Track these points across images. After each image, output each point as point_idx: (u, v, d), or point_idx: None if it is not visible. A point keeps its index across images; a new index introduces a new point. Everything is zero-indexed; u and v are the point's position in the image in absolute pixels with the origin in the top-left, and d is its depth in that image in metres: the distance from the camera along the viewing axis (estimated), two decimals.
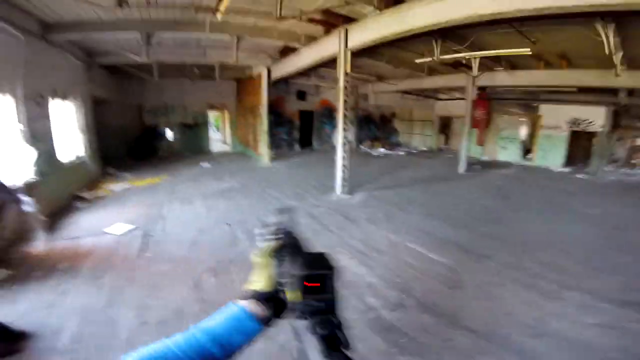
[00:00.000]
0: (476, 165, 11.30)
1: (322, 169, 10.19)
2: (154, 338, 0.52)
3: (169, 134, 13.46)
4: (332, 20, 6.00)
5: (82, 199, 6.62)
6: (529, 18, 4.08)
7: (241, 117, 14.21)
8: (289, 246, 0.69)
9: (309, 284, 0.57)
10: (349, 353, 0.51)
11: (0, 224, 3.92)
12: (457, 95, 13.97)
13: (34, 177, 5.14)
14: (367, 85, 13.88)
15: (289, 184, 8.02)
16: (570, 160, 12.06)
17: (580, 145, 12.12)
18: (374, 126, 16.69)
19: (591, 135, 11.59)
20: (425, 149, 16.53)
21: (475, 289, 3.43)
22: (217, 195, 6.96)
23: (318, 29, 6.55)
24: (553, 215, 6.26)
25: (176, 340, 0.58)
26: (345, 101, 6.30)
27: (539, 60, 7.69)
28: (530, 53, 6.11)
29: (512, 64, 8.52)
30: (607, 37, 4.62)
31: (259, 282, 0.68)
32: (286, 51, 8.60)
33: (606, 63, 6.05)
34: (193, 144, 14.12)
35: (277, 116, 13.56)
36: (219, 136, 17.58)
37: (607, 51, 5.01)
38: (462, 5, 3.93)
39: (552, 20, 4.62)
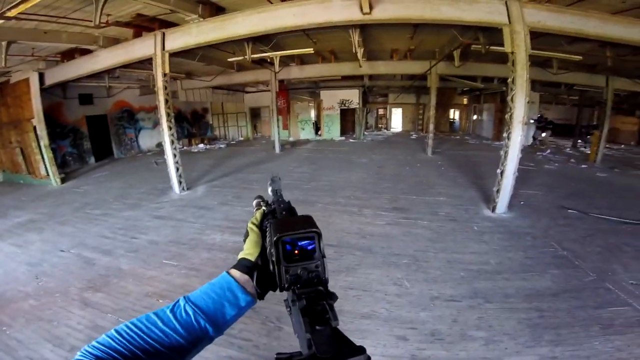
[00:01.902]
0: (287, 145, 13.72)
1: (140, 175, 9.47)
2: None
3: None
4: (145, 24, 5.88)
5: None
6: (314, 28, 5.79)
7: None
8: (279, 213, 0.66)
9: (295, 251, 0.52)
10: (335, 327, 0.42)
11: None
12: (263, 87, 15.87)
13: None
14: (176, 82, 13.35)
15: (108, 198, 7.06)
16: (343, 131, 16.77)
17: (347, 119, 17.09)
18: (187, 123, 16.21)
19: (353, 110, 16.50)
20: (242, 138, 17.86)
21: (318, 222, 4.94)
22: (18, 231, 5.35)
23: (123, 31, 6.15)
24: (343, 168, 9.08)
25: (164, 313, 0.57)
26: (166, 100, 6.33)
27: (318, 56, 10.25)
28: (313, 51, 8.23)
29: (302, 60, 10.87)
30: (354, 39, 7.05)
31: (248, 251, 0.65)
32: (72, 53, 7.24)
33: (356, 57, 9.00)
34: None
35: (54, 127, 10.71)
36: None
37: (354, 49, 7.62)
38: (273, 19, 5.19)
39: (326, 29, 6.45)
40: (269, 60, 9.50)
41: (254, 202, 0.78)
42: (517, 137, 4.94)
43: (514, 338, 2.48)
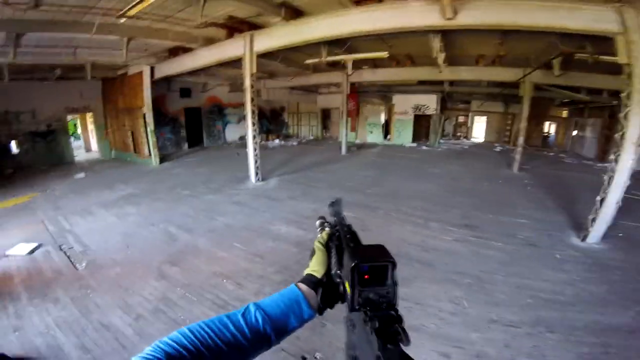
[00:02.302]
0: (353, 148, 13.79)
1: (224, 163, 10.59)
2: (159, 328, 0.63)
3: (13, 146, 10.78)
4: (236, 26, 6.53)
5: None
6: (389, 33, 5.80)
7: (114, 120, 12.56)
8: (344, 236, 0.68)
9: (365, 276, 0.55)
10: (404, 348, 0.45)
11: None
12: (335, 89, 16.27)
13: None
14: (260, 82, 14.57)
15: (195, 181, 8.09)
16: (416, 137, 16.08)
17: (421, 125, 16.32)
18: (266, 120, 17.56)
19: (428, 117, 15.74)
20: (312, 137, 18.55)
21: (377, 228, 4.94)
22: (120, 203, 6.52)
23: (218, 31, 6.91)
24: (411, 176, 8.74)
25: (235, 316, 0.61)
26: (252, 99, 7.00)
27: (392, 60, 10.11)
28: (387, 55, 8.18)
29: (375, 63, 10.83)
30: (434, 44, 6.80)
31: (314, 268, 0.70)
32: (176, 50, 8.47)
33: (435, 62, 8.65)
34: (49, 154, 11.64)
35: (158, 115, 12.66)
36: (79, 143, 14.95)
37: (434, 54, 7.35)
38: (347, 24, 5.35)
39: (403, 33, 6.45)
40: (342, 62, 9.71)
41: (317, 222, 0.83)
42: (628, 160, 4.15)
43: None
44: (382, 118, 16.87)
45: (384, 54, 7.95)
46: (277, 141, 16.25)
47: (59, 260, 4.08)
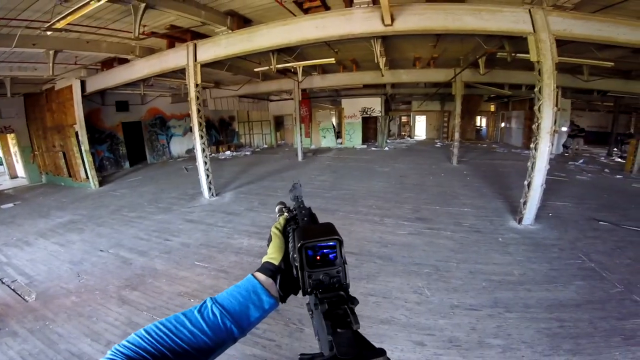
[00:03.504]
0: (309, 153, 13.98)
1: (172, 180, 10.05)
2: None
3: None
4: (178, 35, 6.30)
5: None
6: (335, 40, 6.02)
7: (41, 140, 11.23)
8: (301, 219, 0.68)
9: (317, 257, 0.54)
10: (356, 330, 0.44)
11: None
12: (286, 96, 16.35)
13: None
14: (205, 91, 14.05)
15: (143, 201, 7.58)
16: (365, 139, 16.84)
17: (369, 127, 17.18)
18: (215, 131, 16.98)
19: (375, 119, 16.56)
20: (266, 146, 18.39)
21: (338, 230, 5.08)
22: (60, 231, 5.88)
23: (158, 41, 6.62)
24: (364, 176, 9.15)
25: (192, 313, 0.59)
26: (198, 110, 6.76)
27: (340, 65, 10.49)
28: (334, 61, 8.47)
29: (324, 69, 11.18)
30: (376, 49, 7.18)
31: (272, 255, 0.68)
32: (110, 62, 7.90)
33: (378, 66, 9.12)
34: None
35: (93, 132, 11.59)
36: (1, 169, 13.06)
37: (375, 59, 7.77)
38: (296, 32, 5.46)
39: (348, 39, 6.73)
40: (292, 70, 9.84)
41: (277, 208, 0.81)
42: (545, 147, 4.84)
43: (531, 347, 2.50)
44: (334, 122, 17.37)
45: (332, 60, 8.24)
46: (228, 152, 15.82)
47: (4, 294, 3.67)
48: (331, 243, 0.55)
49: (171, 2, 4.70)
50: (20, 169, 12.36)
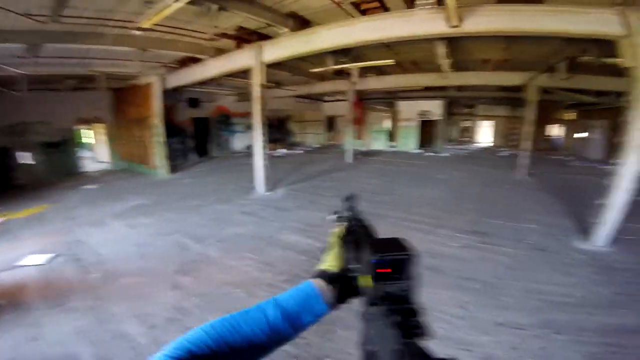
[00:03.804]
0: (359, 155, 13.83)
1: (232, 173, 10.72)
2: (174, 337, 0.53)
3: (27, 156, 11.07)
4: (245, 37, 6.72)
5: None
6: (396, 42, 5.91)
7: (124, 130, 12.84)
8: (359, 230, 0.70)
9: (381, 270, 0.55)
10: (425, 341, 0.44)
11: None
12: (340, 97, 16.43)
13: None
14: (266, 91, 14.75)
15: (205, 192, 8.21)
16: (421, 143, 16.11)
17: (427, 130, 16.36)
18: (273, 129, 17.76)
19: (434, 122, 15.78)
20: (318, 146, 18.68)
21: (386, 236, 4.96)
22: (132, 214, 6.64)
23: (227, 42, 7.10)
24: (418, 182, 8.77)
25: (255, 312, 0.61)
26: (261, 109, 7.13)
27: (398, 67, 10.19)
28: (393, 63, 8.28)
29: (381, 70, 10.94)
30: (439, 51, 6.86)
31: (330, 263, 0.70)
32: (186, 61, 8.70)
33: (440, 68, 8.69)
34: (61, 165, 11.94)
35: (168, 126, 12.90)
36: (89, 154, 15.26)
37: (439, 60, 7.42)
38: (354, 33, 5.42)
39: (409, 41, 6.53)
40: (347, 71, 9.84)
41: (334, 217, 0.82)
42: (632, 164, 4.16)
43: None
44: (388, 125, 16.96)
45: (390, 62, 8.05)
46: (283, 150, 16.41)
47: (74, 270, 4.16)
48: (404, 257, 0.57)
49: (240, 3, 5.00)
50: (105, 155, 14.33)
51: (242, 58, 7.16)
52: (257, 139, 7.27)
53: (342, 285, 0.67)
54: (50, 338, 2.82)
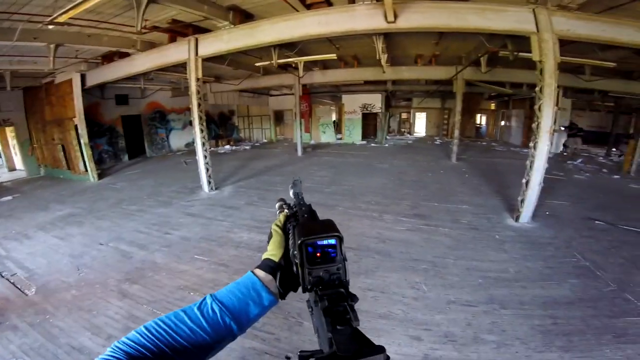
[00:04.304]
0: (308, 149, 13.98)
1: (172, 173, 10.07)
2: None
3: None
4: (180, 30, 6.28)
5: None
6: (339, 37, 6.00)
7: (40, 133, 11.18)
8: (301, 216, 0.69)
9: (317, 254, 0.54)
10: (356, 327, 0.43)
11: None
12: (286, 91, 16.30)
13: None
14: (206, 85, 13.99)
15: (142, 195, 7.60)
16: (365, 135, 16.84)
17: (369, 123, 17.15)
18: (214, 125, 16.94)
19: (375, 115, 16.55)
20: (266, 140, 18.36)
21: (338, 225, 5.14)
22: (60, 224, 5.90)
23: (159, 35, 6.59)
24: (363, 172, 9.19)
25: (191, 310, 0.59)
26: (199, 104, 6.76)
27: (341, 61, 10.44)
28: (336, 57, 8.44)
29: (325, 65, 11.11)
30: (378, 46, 7.15)
31: (274, 252, 0.67)
32: (111, 56, 7.87)
33: (379, 62, 9.04)
34: None
35: (92, 126, 11.53)
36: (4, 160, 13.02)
37: (377, 56, 7.73)
38: (299, 27, 5.45)
39: (350, 36, 6.57)
40: (293, 65, 9.81)
41: (277, 205, 0.81)
42: (544, 147, 4.87)
43: (525, 343, 2.56)
44: (334, 118, 17.35)
45: (333, 56, 8.22)
46: (227, 146, 15.82)
47: (3, 288, 3.69)
48: (332, 240, 0.55)
49: None
50: (18, 162, 12.33)
51: (177, 52, 6.75)
52: (197, 135, 6.90)
53: (285, 274, 0.65)
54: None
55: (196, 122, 6.85)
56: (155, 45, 7.17)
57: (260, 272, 0.65)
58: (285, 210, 0.76)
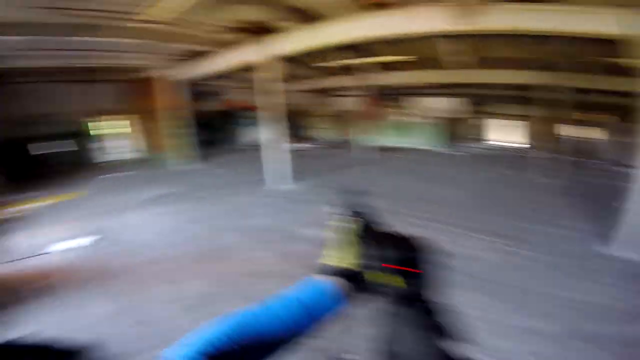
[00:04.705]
0: (375, 152, 13.56)
1: (249, 166, 10.76)
2: (198, 324, 0.52)
3: (49, 146, 11.34)
4: (254, 30, 6.64)
5: None
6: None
7: (146, 121, 13.04)
8: (370, 227, 0.71)
9: (394, 267, 0.56)
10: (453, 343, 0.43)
11: None
12: (354, 92, 16.17)
13: None
14: (281, 85, 14.67)
15: (223, 183, 8.36)
16: (440, 141, 15.69)
17: (445, 128, 15.93)
18: (286, 123, 17.67)
19: (452, 120, 15.35)
20: (330, 141, 18.49)
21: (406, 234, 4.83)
22: (160, 201, 6.85)
23: (237, 36, 7.02)
24: (441, 182, 8.53)
25: (275, 306, 0.61)
26: (276, 103, 7.16)
27: (418, 62, 9.82)
28: (415, 59, 8.02)
29: (400, 66, 10.57)
30: (462, 47, 6.56)
31: (342, 259, 0.69)
32: (194, 54, 8.74)
33: (463, 64, 8.38)
34: (82, 155, 12.24)
35: (194, 117, 13.02)
36: (112, 144, 15.54)
37: (461, 57, 7.11)
38: (371, 28, 5.31)
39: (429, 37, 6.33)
40: (365, 66, 9.64)
41: (346, 212, 0.78)
42: None
43: None
44: (406, 121, 16.60)
45: (412, 57, 7.80)
46: (298, 144, 16.29)
47: (103, 255, 4.30)
48: (416, 254, 0.59)
49: None
50: (129, 145, 14.56)
51: (250, 52, 7.13)
52: (275, 133, 7.24)
53: (357, 282, 0.67)
54: (82, 321, 2.92)
55: (273, 119, 7.24)
56: (232, 44, 7.59)
57: (336, 278, 0.67)
58: (359, 219, 0.76)
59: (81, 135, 12.29)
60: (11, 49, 6.38)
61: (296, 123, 18.79)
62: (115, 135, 14.99)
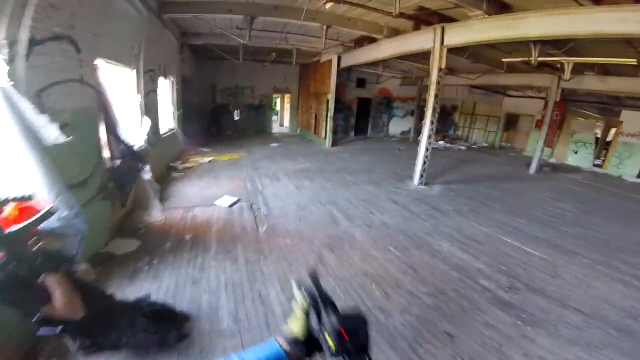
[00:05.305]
0: (546, 167, 10.95)
1: (386, 157, 10.77)
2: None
3: (236, 113, 14.43)
4: (425, 18, 6.22)
5: (174, 169, 7.59)
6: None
7: (304, 102, 14.79)
8: (321, 303, 0.86)
9: (346, 336, 0.73)
10: None
11: (131, 191, 4.25)
12: (530, 93, 13.37)
13: (146, 145, 5.29)
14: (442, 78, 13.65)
15: (359, 169, 8.57)
16: None
17: None
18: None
19: None
20: (486, 144, 16.09)
21: (572, 279, 3.75)
22: (299, 175, 7.63)
23: (404, 23, 6.73)
24: (629, 222, 6.15)
25: None
26: (436, 95, 6.54)
27: (636, 68, 7.24)
28: (635, 63, 5.87)
29: (606, 69, 8.12)
30: None
31: (295, 329, 0.84)
32: (362, 41, 8.90)
33: None
34: (257, 124, 15.07)
35: (337, 102, 13.90)
36: (276, 118, 18.51)
37: None
38: (582, 23, 4.22)
39: None
40: (558, 65, 7.66)
41: (298, 287, 0.93)
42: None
43: None
44: (597, 137, 12.66)
45: (631, 61, 5.75)
46: (441, 142, 14.98)
47: (248, 218, 4.91)
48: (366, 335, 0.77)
49: None
50: (286, 121, 17.05)
51: (420, 40, 6.70)
52: (427, 127, 6.75)
53: (306, 346, 0.80)
54: (206, 285, 3.12)
55: (429, 113, 6.71)
56: (400, 32, 7.38)
57: (282, 341, 0.79)
58: (308, 299, 0.88)
59: (264, 108, 15.11)
60: (232, 28, 8.01)
61: (450, 120, 17.28)
62: (284, 111, 17.83)
